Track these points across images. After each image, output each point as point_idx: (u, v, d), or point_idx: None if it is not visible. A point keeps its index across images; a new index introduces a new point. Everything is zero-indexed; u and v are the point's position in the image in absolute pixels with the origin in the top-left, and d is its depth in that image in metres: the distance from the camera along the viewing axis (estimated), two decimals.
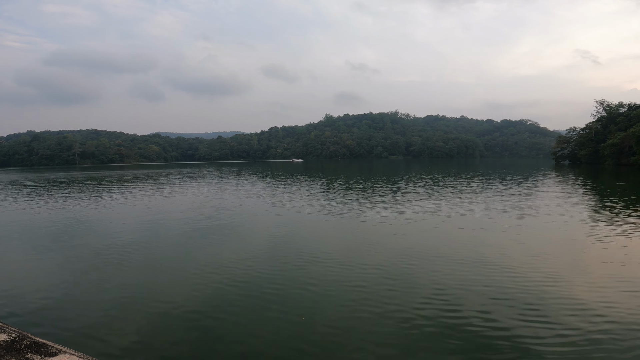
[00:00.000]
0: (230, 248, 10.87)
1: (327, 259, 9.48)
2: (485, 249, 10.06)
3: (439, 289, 7.28)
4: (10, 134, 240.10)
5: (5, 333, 2.87)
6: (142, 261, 9.58)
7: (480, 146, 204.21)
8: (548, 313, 6.16)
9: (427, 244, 10.74)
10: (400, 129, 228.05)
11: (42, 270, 8.97)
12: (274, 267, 8.86)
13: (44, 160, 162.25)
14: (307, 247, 10.71)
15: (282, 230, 13.27)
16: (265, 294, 7.19)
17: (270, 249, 10.72)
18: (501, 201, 19.72)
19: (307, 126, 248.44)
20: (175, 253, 10.37)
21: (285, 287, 7.56)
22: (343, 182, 35.02)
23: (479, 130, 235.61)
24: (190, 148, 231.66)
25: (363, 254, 9.94)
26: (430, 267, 8.66)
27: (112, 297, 7.17)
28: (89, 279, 8.28)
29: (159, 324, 6.01)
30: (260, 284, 7.72)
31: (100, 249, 10.80)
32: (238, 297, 7.07)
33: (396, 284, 7.57)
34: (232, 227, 14.15)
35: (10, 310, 6.62)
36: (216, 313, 6.40)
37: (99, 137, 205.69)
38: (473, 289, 7.29)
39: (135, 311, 6.51)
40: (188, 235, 12.75)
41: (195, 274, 8.46)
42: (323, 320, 6.08)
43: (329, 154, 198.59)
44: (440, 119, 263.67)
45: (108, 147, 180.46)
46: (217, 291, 7.40)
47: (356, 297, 6.95)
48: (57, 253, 10.58)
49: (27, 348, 2.61)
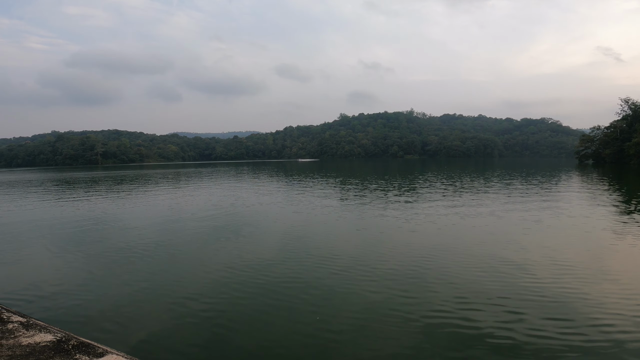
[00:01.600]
0: (247, 246, 11.07)
1: (342, 258, 9.54)
2: (505, 253, 9.91)
3: (455, 292, 7.24)
4: (35, 135, 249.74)
5: (51, 333, 3.07)
6: (161, 258, 9.90)
7: (500, 145, 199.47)
8: (573, 323, 5.99)
9: (444, 246, 10.66)
10: (416, 128, 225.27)
11: (66, 267, 9.39)
12: (289, 266, 8.98)
13: (67, 160, 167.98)
14: (322, 246, 10.81)
15: (297, 229, 13.42)
16: (280, 293, 7.30)
17: (286, 247, 10.87)
18: (521, 202, 19.32)
19: (321, 125, 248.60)
20: (192, 251, 10.66)
21: (301, 286, 7.65)
22: (358, 182, 35.01)
23: (498, 129, 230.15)
24: (207, 148, 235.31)
25: (379, 253, 9.97)
26: (447, 269, 8.61)
27: (131, 293, 7.44)
28: (110, 274, 8.63)
29: (176, 321, 6.20)
30: (276, 283, 7.84)
31: (122, 246, 11.22)
32: (253, 295, 7.22)
33: (412, 286, 7.57)
34: (248, 225, 14.41)
35: (36, 305, 6.99)
36: (232, 311, 6.55)
37: (120, 137, 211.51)
38: (490, 292, 7.23)
39: (154, 307, 6.74)
40: (205, 233, 13.07)
41: (211, 271, 8.69)
42: (338, 320, 6.13)
43: (344, 153, 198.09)
44: (457, 118, 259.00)
45: (129, 147, 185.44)
46: (233, 289, 7.56)
47: (372, 298, 6.98)
48: (81, 250, 11.07)
49: (74, 348, 2.78)
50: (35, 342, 2.89)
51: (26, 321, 3.24)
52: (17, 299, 7.11)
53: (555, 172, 48.44)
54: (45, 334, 3.08)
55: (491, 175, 42.39)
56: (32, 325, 3.15)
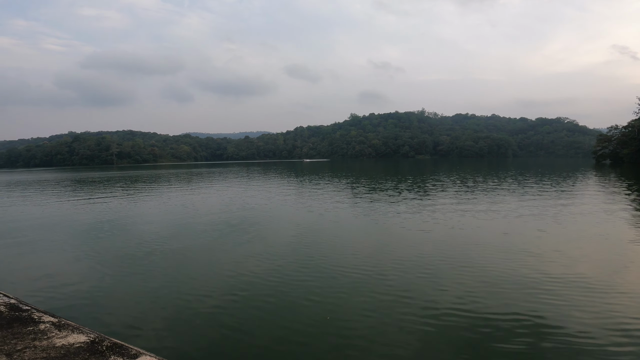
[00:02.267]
0: (258, 246, 11.17)
1: (354, 258, 9.55)
2: (519, 256, 9.75)
3: (468, 294, 7.17)
4: (53, 135, 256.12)
5: (84, 334, 3.12)
6: (175, 257, 10.06)
7: (514, 145, 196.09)
8: (587, 329, 5.92)
9: (458, 247, 10.56)
10: (427, 128, 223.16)
11: (81, 265, 9.61)
12: (300, 265, 9.04)
13: (84, 161, 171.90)
14: (334, 246, 10.83)
15: (309, 228, 13.45)
16: (291, 292, 7.36)
17: (297, 246, 10.93)
18: (537, 204, 18.94)
19: (332, 126, 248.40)
20: (205, 249, 10.82)
21: (312, 286, 7.68)
22: (369, 182, 34.85)
23: (512, 128, 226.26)
24: (219, 148, 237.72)
25: (391, 253, 9.93)
26: (460, 271, 8.52)
27: (144, 291, 7.60)
28: (124, 273, 8.81)
29: (188, 319, 6.30)
30: (287, 282, 7.90)
31: (136, 245, 11.43)
32: (265, 294, 7.29)
33: (425, 287, 7.53)
34: (260, 225, 14.51)
35: (54, 301, 7.21)
36: (242, 309, 6.63)
37: (134, 138, 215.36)
38: (505, 295, 7.13)
39: (167, 306, 6.86)
40: (217, 232, 13.21)
41: (223, 270, 8.80)
42: (349, 320, 6.14)
43: (355, 153, 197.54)
44: (470, 118, 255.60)
45: (142, 148, 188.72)
46: (244, 288, 7.66)
47: (384, 299, 6.97)
48: (96, 249, 11.32)
49: (108, 350, 2.83)
50: (69, 343, 2.95)
51: (57, 321, 3.32)
52: (33, 295, 7.31)
53: (571, 172, 47.34)
54: (78, 334, 3.14)
55: (505, 175, 41.68)
56: (63, 326, 3.21)
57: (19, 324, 3.06)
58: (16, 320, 3.14)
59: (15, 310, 3.35)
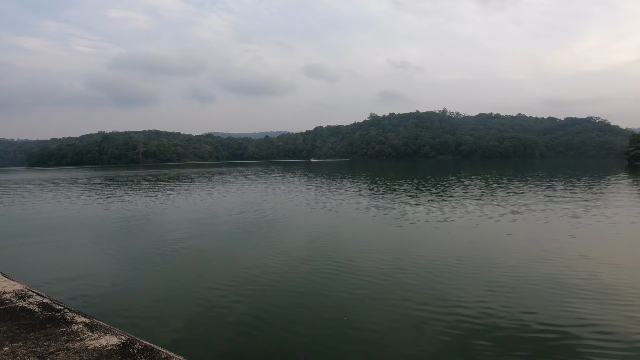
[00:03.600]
0: (277, 245, 11.19)
1: (373, 259, 9.43)
2: (542, 262, 9.24)
3: (488, 298, 6.90)
4: (83, 135, 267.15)
5: (116, 336, 3.09)
6: (196, 255, 10.21)
7: (541, 145, 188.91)
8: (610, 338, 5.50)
9: (477, 251, 10.16)
10: (449, 127, 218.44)
11: (106, 262, 9.85)
12: (319, 266, 8.99)
13: (112, 159, 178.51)
14: (353, 247, 10.73)
15: (327, 228, 13.35)
16: (309, 292, 7.34)
17: (315, 246, 10.88)
18: (565, 206, 18.03)
19: (351, 125, 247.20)
20: (224, 248, 10.94)
21: (330, 286, 7.64)
22: (389, 182, 34.33)
23: (539, 128, 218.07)
24: (240, 147, 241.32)
25: (410, 255, 9.73)
26: (480, 274, 8.20)
27: (165, 289, 7.72)
28: (146, 270, 8.96)
29: (207, 317, 6.35)
30: (305, 283, 7.87)
31: (159, 243, 11.65)
32: (282, 294, 7.28)
33: (444, 290, 7.32)
34: (279, 224, 14.52)
35: (78, 296, 7.37)
36: (260, 308, 6.64)
37: (159, 137, 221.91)
38: (526, 302, 6.75)
39: (187, 304, 6.94)
40: (237, 231, 13.31)
41: (241, 269, 8.84)
42: (366, 322, 6.09)
43: (374, 153, 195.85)
44: (494, 117, 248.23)
45: (167, 147, 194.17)
46: (262, 287, 7.67)
47: (403, 301, 6.86)
48: (121, 245, 11.61)
49: (139, 353, 2.78)
50: (102, 345, 2.91)
51: (90, 322, 3.30)
52: (58, 293, 7.51)
53: (602, 173, 45.02)
54: (109, 336, 3.10)
55: (532, 176, 40.07)
56: (96, 327, 3.19)
57: (52, 325, 3.06)
58: (49, 321, 3.13)
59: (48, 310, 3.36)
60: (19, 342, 2.74)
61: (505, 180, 36.02)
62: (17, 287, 3.87)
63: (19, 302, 3.46)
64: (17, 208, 21.75)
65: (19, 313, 3.21)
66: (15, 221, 17.01)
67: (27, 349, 2.62)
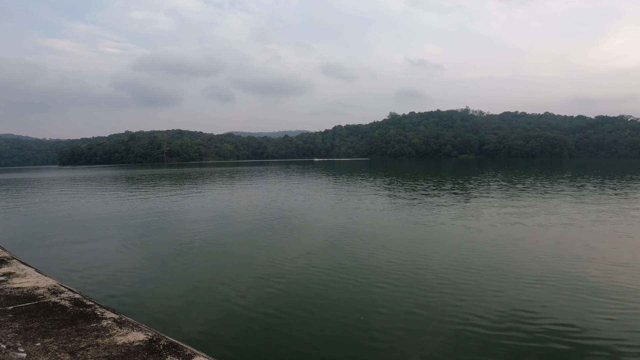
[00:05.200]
0: (295, 244, 11.22)
1: (392, 259, 9.30)
2: (569, 267, 8.78)
3: (508, 302, 6.66)
4: (112, 134, 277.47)
5: (143, 332, 3.12)
6: (215, 253, 10.36)
7: (570, 145, 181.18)
8: None
9: (501, 254, 9.77)
10: (472, 126, 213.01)
11: (129, 258, 10.12)
12: (337, 265, 8.95)
13: (138, 158, 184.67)
14: (371, 247, 10.60)
15: (347, 229, 13.21)
16: (325, 292, 7.32)
17: (335, 246, 10.82)
18: (595, 208, 17.15)
19: (371, 124, 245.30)
20: (243, 246, 11.04)
21: (347, 285, 7.61)
22: (409, 181, 33.76)
23: (568, 127, 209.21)
24: (260, 147, 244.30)
25: (429, 256, 9.53)
26: (501, 277, 7.89)
27: (187, 284, 7.86)
28: (167, 267, 9.14)
29: (224, 314, 6.42)
30: (322, 282, 7.85)
31: (181, 240, 11.88)
32: (298, 293, 7.29)
33: (462, 293, 7.13)
34: (298, 222, 14.54)
35: (103, 291, 7.58)
36: (277, 307, 6.66)
37: (182, 137, 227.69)
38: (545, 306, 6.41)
39: (205, 300, 7.05)
40: (256, 229, 13.40)
41: (260, 268, 8.89)
42: (383, 321, 6.03)
43: (394, 152, 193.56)
44: (520, 116, 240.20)
45: (190, 146, 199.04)
46: (279, 285, 7.70)
47: (419, 301, 6.77)
48: (146, 242, 11.92)
49: (165, 349, 2.79)
50: (129, 341, 2.95)
51: (118, 318, 3.35)
52: (83, 287, 7.76)
53: (635, 174, 42.62)
54: (137, 332, 3.14)
55: (560, 177, 38.43)
56: (124, 323, 3.24)
57: (83, 321, 3.12)
58: (80, 317, 3.20)
59: (79, 305, 3.44)
60: (51, 337, 2.81)
61: (531, 180, 34.71)
62: (50, 283, 4.00)
63: (52, 297, 3.56)
64: (49, 206, 22.80)
65: (52, 308, 3.30)
66: (47, 218, 17.82)
67: (58, 345, 2.68)
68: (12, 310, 3.28)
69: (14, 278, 4.25)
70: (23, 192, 32.96)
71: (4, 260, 5.20)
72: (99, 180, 48.23)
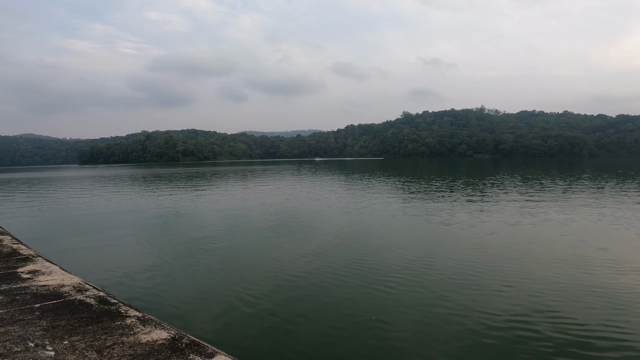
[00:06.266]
0: (307, 243, 11.21)
1: (404, 260, 9.22)
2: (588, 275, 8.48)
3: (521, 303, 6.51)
4: (129, 134, 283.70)
5: (165, 330, 3.14)
6: (228, 251, 10.47)
7: (590, 144, 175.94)
8: None
9: (515, 257, 9.50)
10: (487, 125, 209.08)
11: (144, 256, 10.28)
12: (347, 265, 8.92)
13: (154, 158, 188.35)
14: (383, 247, 10.55)
15: (359, 229, 13.15)
16: (337, 292, 7.30)
17: (347, 247, 10.77)
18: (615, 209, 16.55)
19: (383, 124, 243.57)
20: (256, 244, 11.16)
21: (358, 286, 7.59)
22: (423, 181, 33.35)
23: (588, 126, 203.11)
24: (272, 146, 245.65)
25: (442, 258, 9.36)
26: (515, 283, 7.64)
27: (200, 282, 7.98)
28: (182, 265, 9.25)
29: (236, 312, 6.47)
30: (333, 281, 7.84)
31: (195, 238, 12.02)
32: (310, 292, 7.29)
33: (474, 296, 7.01)
34: (310, 222, 14.53)
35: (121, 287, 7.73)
36: (288, 306, 6.68)
37: (196, 136, 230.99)
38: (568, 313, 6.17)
39: (218, 298, 7.12)
40: (270, 228, 13.47)
41: (271, 267, 8.94)
42: (395, 323, 6.00)
43: (407, 152, 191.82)
44: (538, 115, 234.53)
45: (204, 146, 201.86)
46: (290, 284, 7.73)
47: (433, 303, 6.72)
48: (160, 241, 12.09)
49: (187, 347, 2.81)
50: (153, 339, 2.98)
51: (142, 316, 3.39)
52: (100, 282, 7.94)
53: None
54: (160, 330, 3.17)
55: (579, 177, 37.30)
56: (147, 321, 3.28)
57: (108, 318, 3.18)
58: (105, 314, 3.26)
59: (104, 303, 3.50)
60: (78, 335, 2.87)
61: (549, 180, 33.81)
62: (75, 280, 4.09)
63: (77, 295, 3.64)
64: (70, 204, 23.46)
65: (77, 306, 3.37)
66: (68, 217, 18.33)
67: (85, 343, 2.73)
68: (39, 308, 3.36)
69: (40, 276, 4.37)
70: (45, 191, 34.05)
71: (29, 258, 5.36)
72: (118, 179, 49.37)
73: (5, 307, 3.56)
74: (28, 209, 21.07)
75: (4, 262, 5.17)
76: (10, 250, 5.86)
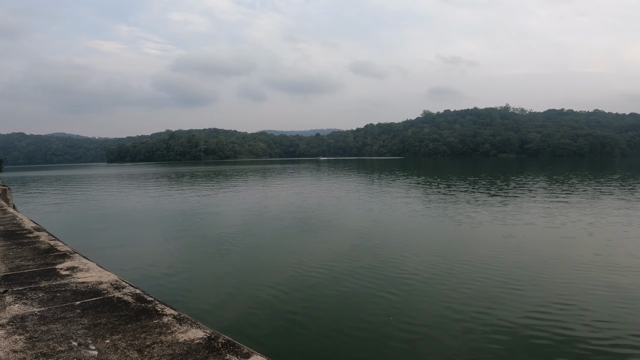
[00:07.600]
0: (325, 242, 11.24)
1: (422, 261, 9.11)
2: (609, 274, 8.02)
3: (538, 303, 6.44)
4: (154, 133, 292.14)
5: (201, 329, 3.13)
6: (247, 249, 10.63)
7: (622, 143, 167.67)
8: None
9: (539, 260, 9.12)
10: (512, 125, 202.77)
11: (165, 253, 10.56)
12: (367, 266, 8.87)
13: (177, 156, 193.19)
14: (401, 247, 10.48)
15: (378, 229, 13.04)
16: (355, 291, 7.29)
17: (366, 247, 10.70)
18: None
19: (403, 123, 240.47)
20: (273, 243, 11.29)
21: (377, 286, 7.58)
22: (444, 181, 32.60)
23: (619, 125, 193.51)
24: (292, 145, 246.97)
25: (461, 260, 9.22)
26: (538, 287, 7.39)
27: (218, 280, 8.13)
28: (202, 262, 9.45)
29: (253, 309, 6.57)
30: (352, 281, 7.83)
31: (215, 236, 12.21)
32: (328, 291, 7.31)
33: (493, 293, 6.95)
34: (328, 222, 14.51)
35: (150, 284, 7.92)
36: (305, 304, 6.72)
37: (217, 136, 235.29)
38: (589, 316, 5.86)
39: (236, 295, 7.25)
40: (288, 227, 13.57)
41: (293, 267, 8.96)
42: (412, 323, 5.98)
43: (428, 151, 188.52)
44: (566, 114, 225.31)
45: (225, 145, 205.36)
46: (308, 282, 7.78)
47: (449, 305, 6.65)
48: (181, 238, 12.33)
49: (223, 347, 2.79)
50: (190, 339, 2.97)
51: (178, 315, 3.40)
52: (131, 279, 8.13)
53: None
54: (196, 329, 3.17)
55: (610, 177, 35.44)
56: (183, 320, 3.29)
57: (146, 317, 3.20)
58: (143, 313, 3.29)
59: (141, 301, 3.54)
60: (119, 334, 2.90)
61: (577, 181, 32.33)
62: (112, 277, 4.17)
63: (115, 292, 3.70)
64: (100, 201, 24.34)
65: (116, 304, 3.42)
66: (98, 214, 19.01)
67: (126, 342, 2.76)
68: (79, 306, 3.43)
69: (78, 272, 4.49)
70: (76, 189, 35.51)
71: (66, 255, 5.53)
72: (143, 177, 50.91)
73: (46, 304, 3.65)
74: (59, 205, 22.01)
75: (43, 258, 5.35)
76: (48, 246, 6.07)
